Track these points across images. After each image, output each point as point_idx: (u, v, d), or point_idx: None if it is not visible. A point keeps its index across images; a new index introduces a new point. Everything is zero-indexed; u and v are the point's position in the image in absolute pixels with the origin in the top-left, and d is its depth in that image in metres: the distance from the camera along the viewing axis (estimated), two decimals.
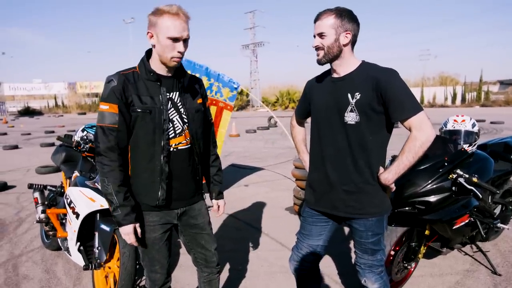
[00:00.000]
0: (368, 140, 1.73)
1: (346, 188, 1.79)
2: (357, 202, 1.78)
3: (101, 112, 1.64)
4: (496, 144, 3.36)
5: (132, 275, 2.37)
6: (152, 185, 1.72)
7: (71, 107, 47.18)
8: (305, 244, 2.00)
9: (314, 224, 1.98)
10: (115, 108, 1.61)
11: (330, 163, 1.83)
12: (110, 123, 1.62)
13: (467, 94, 32.87)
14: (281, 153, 9.52)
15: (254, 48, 46.07)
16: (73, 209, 2.66)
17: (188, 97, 1.79)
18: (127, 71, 1.70)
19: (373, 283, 1.92)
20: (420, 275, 2.85)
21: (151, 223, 1.77)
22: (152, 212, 1.76)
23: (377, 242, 1.85)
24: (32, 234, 3.97)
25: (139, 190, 1.74)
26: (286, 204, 4.86)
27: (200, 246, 1.95)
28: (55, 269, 3.15)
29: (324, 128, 1.85)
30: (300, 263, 2.02)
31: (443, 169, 2.35)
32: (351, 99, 1.72)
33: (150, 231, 1.77)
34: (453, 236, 2.57)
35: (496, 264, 2.95)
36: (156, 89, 1.69)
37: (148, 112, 1.65)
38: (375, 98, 1.67)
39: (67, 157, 3.38)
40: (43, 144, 12.04)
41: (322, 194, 1.89)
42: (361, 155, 1.75)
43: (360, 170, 1.76)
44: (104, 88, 1.65)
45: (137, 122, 1.66)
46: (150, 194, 1.72)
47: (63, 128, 20.10)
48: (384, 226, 1.85)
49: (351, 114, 1.72)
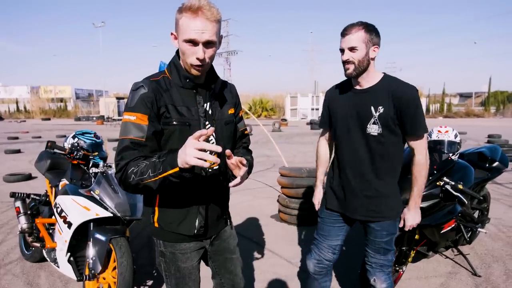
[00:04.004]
0: (388, 150, 1.85)
1: (366, 193, 1.90)
2: (377, 206, 1.90)
3: (126, 123, 1.37)
4: (472, 153, 3.59)
5: (130, 285, 2.32)
6: (187, 212, 1.49)
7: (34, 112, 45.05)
8: (325, 244, 2.09)
9: (332, 225, 2.07)
10: (144, 119, 1.36)
11: (351, 170, 1.93)
12: (137, 136, 1.35)
13: (431, 106, 34.63)
14: (258, 161, 9.56)
15: (228, 56, 46.26)
16: (65, 218, 2.57)
17: (218, 106, 1.54)
18: (156, 77, 1.45)
19: (382, 283, 2.01)
20: (407, 278, 2.98)
21: (187, 250, 1.54)
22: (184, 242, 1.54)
23: (390, 242, 1.96)
24: (8, 246, 3.76)
25: (171, 219, 1.49)
26: (271, 211, 4.91)
27: (228, 272, 1.73)
28: (39, 282, 3.00)
29: (346, 137, 1.93)
30: (320, 262, 2.11)
31: (432, 177, 2.50)
32: (374, 112, 1.81)
33: (186, 260, 1.55)
34: (440, 240, 2.72)
35: (476, 266, 3.14)
36: (191, 98, 1.46)
37: (187, 125, 1.41)
38: (395, 112, 1.79)
39: (52, 164, 3.25)
40: (8, 151, 11.39)
41: (344, 199, 1.98)
42: (381, 163, 1.87)
43: (380, 177, 1.88)
44: (130, 95, 1.40)
45: (172, 138, 1.40)
46: (186, 222, 1.49)
47: (27, 134, 19.13)
48: (397, 227, 1.98)
49: (374, 126, 1.82)
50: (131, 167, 1.30)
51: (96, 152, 2.96)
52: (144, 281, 3.00)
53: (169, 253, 1.55)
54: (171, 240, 1.53)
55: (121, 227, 2.56)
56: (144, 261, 3.36)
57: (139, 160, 1.32)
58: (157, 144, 1.39)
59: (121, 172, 1.32)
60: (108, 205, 2.45)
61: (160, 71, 1.50)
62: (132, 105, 1.37)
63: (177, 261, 1.54)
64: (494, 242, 3.73)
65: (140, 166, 1.29)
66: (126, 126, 1.37)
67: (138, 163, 1.31)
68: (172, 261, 1.55)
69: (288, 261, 3.37)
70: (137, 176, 1.27)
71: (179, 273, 1.55)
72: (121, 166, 1.33)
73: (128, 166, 1.31)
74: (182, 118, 1.41)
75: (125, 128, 1.37)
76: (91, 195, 2.51)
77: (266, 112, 38.17)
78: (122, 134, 1.37)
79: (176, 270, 1.55)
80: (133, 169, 1.29)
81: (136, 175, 1.28)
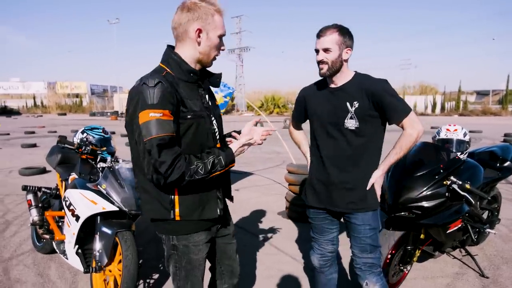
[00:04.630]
0: (366, 142, 1.91)
1: (346, 186, 1.94)
2: (356, 198, 1.94)
3: (152, 121, 1.34)
4: (483, 152, 3.52)
5: (135, 278, 2.37)
6: (208, 195, 1.57)
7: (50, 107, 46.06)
8: (322, 239, 2.15)
9: (322, 222, 2.12)
10: (169, 114, 1.38)
11: (331, 164, 1.98)
12: (170, 132, 1.36)
13: (446, 104, 33.98)
14: (268, 157, 9.58)
15: (240, 53, 46.28)
16: (73, 211, 2.63)
17: (212, 100, 1.69)
18: (162, 73, 1.47)
19: (375, 284, 2.00)
20: (413, 278, 2.95)
21: (199, 242, 1.60)
22: (198, 232, 1.60)
23: (374, 238, 1.98)
24: (21, 237, 3.88)
25: (194, 206, 1.54)
26: (278, 208, 4.91)
27: (228, 257, 1.83)
28: (49, 273, 3.09)
29: (324, 133, 2.00)
30: (323, 255, 2.18)
31: (439, 176, 2.46)
32: (350, 107, 1.89)
33: (198, 252, 1.61)
34: (446, 240, 2.69)
35: (484, 267, 3.08)
36: (195, 91, 1.55)
37: (202, 117, 1.51)
38: (372, 106, 1.86)
39: (63, 158, 3.32)
40: (24, 145, 11.70)
41: (322, 192, 2.03)
42: (360, 155, 1.93)
43: (359, 169, 1.93)
44: (147, 92, 1.37)
45: (191, 129, 1.47)
46: (209, 207, 1.57)
47: (43, 129, 19.58)
48: (379, 221, 2.00)
49: (351, 121, 1.89)
50: (185, 165, 1.37)
51: (105, 147, 3.02)
52: (150, 274, 3.05)
53: (182, 246, 1.58)
54: (189, 231, 1.57)
55: (127, 221, 2.61)
56: (150, 255, 3.41)
57: (189, 159, 1.40)
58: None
59: (172, 169, 1.34)
60: (114, 199, 2.50)
61: (156, 69, 1.53)
62: (156, 102, 1.36)
63: (189, 253, 1.59)
64: (505, 243, 3.66)
65: (200, 165, 1.41)
66: (155, 124, 1.34)
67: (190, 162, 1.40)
68: (184, 254, 1.59)
69: (293, 258, 3.37)
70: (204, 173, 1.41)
71: (190, 265, 1.61)
72: (169, 163, 1.34)
73: (178, 163, 1.36)
74: (195, 111, 1.49)
75: (155, 126, 1.34)
76: (98, 189, 2.57)
77: (278, 109, 38.08)
78: (153, 133, 1.34)
79: (187, 263, 1.61)
80: (192, 168, 1.39)
81: (199, 174, 1.40)
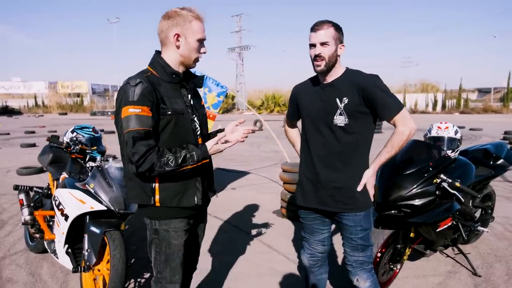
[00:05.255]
0: (356, 139, 1.88)
1: (335, 184, 1.91)
2: (345, 197, 1.90)
3: (131, 116, 1.52)
4: (477, 150, 3.50)
5: (122, 278, 2.36)
6: (187, 184, 1.69)
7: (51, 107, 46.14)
8: (313, 240, 2.13)
9: (312, 223, 2.10)
10: (147, 111, 1.54)
11: (320, 162, 1.95)
12: (146, 127, 1.53)
13: (447, 101, 33.87)
14: (267, 156, 9.57)
15: (240, 52, 46.23)
16: (62, 211, 2.63)
17: (197, 99, 1.83)
18: (146, 73, 1.64)
19: (365, 281, 1.99)
20: (405, 276, 2.94)
21: (179, 228, 1.73)
22: (178, 218, 1.73)
23: (366, 238, 1.95)
24: (15, 237, 3.88)
25: (174, 194, 1.68)
26: (273, 207, 4.91)
27: (194, 248, 1.98)
28: (40, 272, 3.09)
29: (314, 130, 1.97)
30: (313, 255, 2.17)
31: (428, 174, 2.45)
32: (340, 103, 1.85)
33: (178, 237, 1.74)
34: (436, 238, 2.67)
35: (476, 265, 3.07)
36: (177, 91, 1.70)
37: (181, 114, 1.64)
38: (362, 102, 1.83)
39: (55, 158, 3.32)
40: (24, 145, 11.73)
41: (311, 192, 2.00)
42: (350, 153, 1.89)
43: (348, 167, 1.90)
44: (130, 90, 1.55)
45: (169, 125, 1.62)
46: (187, 196, 1.69)
47: (43, 129, 19.61)
48: (371, 221, 1.97)
49: (340, 117, 1.85)
50: (156, 157, 1.51)
51: (95, 146, 3.02)
52: (141, 273, 3.05)
53: (163, 231, 1.72)
54: (170, 217, 1.71)
55: (116, 220, 2.60)
56: (143, 254, 3.41)
57: (161, 152, 1.53)
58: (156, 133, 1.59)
59: (143, 160, 1.50)
60: (102, 199, 2.50)
61: (142, 70, 1.69)
62: (136, 99, 1.53)
63: (169, 238, 1.72)
64: (499, 241, 3.64)
65: (171, 158, 1.53)
66: (133, 118, 1.52)
67: (162, 154, 1.52)
68: (165, 238, 1.72)
69: (286, 257, 3.37)
70: (173, 166, 1.53)
71: (170, 249, 1.74)
72: (141, 154, 1.49)
73: (150, 155, 1.51)
74: (175, 108, 1.63)
75: (133, 120, 1.51)
76: (86, 189, 2.56)
77: (278, 107, 38.02)
78: (131, 127, 1.51)
79: (167, 247, 1.74)
80: (162, 160, 1.51)
81: (169, 166, 1.53)
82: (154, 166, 1.51)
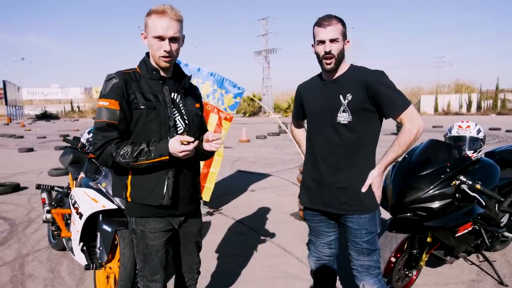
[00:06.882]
0: (360, 138, 1.80)
1: (339, 185, 1.83)
2: (349, 198, 1.82)
3: (100, 108, 1.59)
4: (505, 151, 3.28)
5: (131, 276, 2.39)
6: (157, 183, 1.65)
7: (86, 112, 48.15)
8: (319, 242, 2.07)
9: (318, 225, 2.04)
10: (115, 104, 1.58)
11: (324, 162, 1.88)
12: (111, 119, 1.58)
13: (482, 102, 32.23)
14: (290, 159, 9.49)
15: (267, 55, 46.34)
16: (77, 209, 2.71)
17: (189, 99, 1.80)
18: (128, 70, 1.69)
19: (372, 286, 1.90)
20: (424, 284, 2.79)
21: (155, 230, 1.71)
22: (156, 219, 1.70)
23: (372, 242, 1.86)
24: (40, 234, 4.05)
25: (142, 191, 1.66)
26: (292, 209, 4.84)
27: (188, 253, 1.92)
28: (60, 269, 3.20)
29: (318, 129, 1.91)
30: (319, 258, 2.11)
31: (445, 175, 2.31)
32: (343, 100, 1.79)
33: (154, 239, 1.72)
34: (456, 244, 2.51)
35: (503, 274, 2.87)
36: (158, 87, 1.68)
37: (152, 108, 1.63)
38: (366, 98, 1.75)
39: (75, 158, 3.45)
40: (57, 147, 12.29)
41: (315, 192, 1.93)
42: (354, 153, 1.81)
43: (353, 167, 1.82)
44: (104, 85, 1.62)
45: (141, 119, 1.62)
46: (155, 193, 1.65)
47: (77, 132, 20.50)
48: (377, 225, 1.87)
49: (344, 114, 1.79)
50: (115, 148, 1.56)
51: None
52: None
53: (139, 231, 1.72)
54: (143, 215, 1.70)
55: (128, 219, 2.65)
56: None
57: (121, 144, 1.57)
58: (127, 127, 1.63)
59: (101, 150, 1.58)
60: (113, 198, 2.55)
61: (131, 68, 1.73)
62: (105, 93, 1.60)
63: (145, 238, 1.71)
64: None
65: (127, 150, 1.55)
66: (101, 110, 1.60)
67: (120, 146, 1.56)
68: (142, 239, 1.72)
69: (300, 260, 3.30)
70: (128, 158, 1.55)
71: (147, 250, 1.73)
72: (100, 144, 1.57)
73: (109, 146, 1.57)
74: (148, 102, 1.63)
75: (101, 113, 1.60)
76: (99, 188, 2.63)
77: None
78: (97, 118, 1.60)
79: (144, 247, 1.73)
80: (119, 152, 1.55)
81: (124, 158, 1.55)
82: (111, 157, 1.56)
